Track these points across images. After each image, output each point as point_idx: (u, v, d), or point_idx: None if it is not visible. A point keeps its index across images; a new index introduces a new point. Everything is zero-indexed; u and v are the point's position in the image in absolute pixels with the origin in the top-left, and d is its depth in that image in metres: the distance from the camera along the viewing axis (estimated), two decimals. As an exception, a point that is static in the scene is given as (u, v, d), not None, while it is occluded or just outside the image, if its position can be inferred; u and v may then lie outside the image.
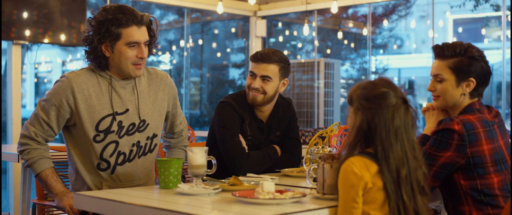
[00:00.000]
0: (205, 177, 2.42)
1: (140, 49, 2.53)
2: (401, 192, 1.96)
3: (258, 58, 2.94)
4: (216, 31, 12.50)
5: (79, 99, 2.52)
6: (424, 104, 2.77)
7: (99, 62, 2.55)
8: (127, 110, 2.60)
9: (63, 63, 18.06)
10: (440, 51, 2.42)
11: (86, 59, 2.60)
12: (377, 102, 2.01)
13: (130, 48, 2.52)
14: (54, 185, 2.60)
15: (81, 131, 2.55)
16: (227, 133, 2.90)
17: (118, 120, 2.57)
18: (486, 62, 2.41)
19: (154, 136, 2.70)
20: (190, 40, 9.94)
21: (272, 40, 10.84)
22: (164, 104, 2.75)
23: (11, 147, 4.59)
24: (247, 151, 2.93)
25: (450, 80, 2.40)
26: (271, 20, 9.79)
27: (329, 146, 2.92)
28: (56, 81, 2.57)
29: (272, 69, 2.93)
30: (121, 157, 2.61)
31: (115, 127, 2.57)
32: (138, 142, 2.64)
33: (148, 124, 2.65)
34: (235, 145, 2.88)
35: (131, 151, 2.62)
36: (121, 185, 2.62)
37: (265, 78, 2.93)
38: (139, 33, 2.52)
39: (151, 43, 2.63)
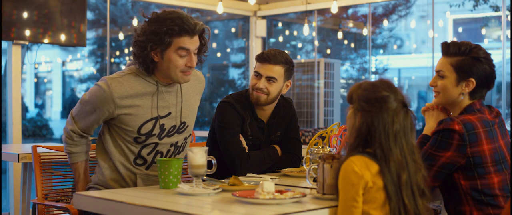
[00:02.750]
0: (205, 177, 2.41)
1: (189, 58, 2.51)
2: (402, 195, 1.97)
3: (264, 58, 2.94)
4: (216, 31, 12.50)
5: (121, 108, 2.51)
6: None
7: (147, 66, 2.52)
8: (169, 113, 2.61)
9: (63, 63, 18.08)
10: (446, 48, 2.43)
11: (133, 61, 2.57)
12: (377, 105, 2.00)
13: (180, 57, 2.49)
14: (81, 175, 2.68)
15: (123, 131, 2.56)
16: (227, 132, 2.90)
17: (161, 123, 2.58)
18: (491, 65, 2.40)
19: (190, 135, 2.74)
20: (190, 40, 9.91)
21: (272, 40, 10.84)
22: (198, 104, 2.80)
23: (11, 147, 4.59)
24: (247, 151, 2.93)
25: (451, 78, 2.40)
26: (271, 20, 9.79)
27: (329, 146, 2.92)
28: (97, 84, 2.53)
29: (277, 70, 2.93)
30: (158, 156, 2.63)
31: (157, 130, 2.58)
32: (177, 142, 2.66)
33: (187, 126, 2.68)
34: (235, 144, 2.88)
35: (168, 150, 2.65)
36: (154, 179, 2.63)
37: (270, 79, 2.93)
38: (190, 42, 2.49)
39: (201, 51, 2.61)
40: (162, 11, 2.50)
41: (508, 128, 6.66)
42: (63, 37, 6.01)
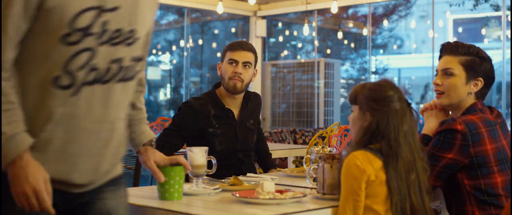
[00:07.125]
0: (205, 177, 2.41)
1: None
2: (410, 194, 1.98)
3: (239, 46, 3.04)
4: (216, 31, 12.50)
5: None
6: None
7: None
8: (116, 8, 1.73)
9: (63, 63, 18.01)
10: (454, 47, 2.42)
11: None
12: (386, 105, 2.02)
13: None
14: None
15: (46, 23, 1.64)
16: (166, 129, 3.02)
17: (104, 18, 1.70)
18: (493, 67, 2.44)
19: (140, 59, 1.84)
20: (190, 40, 9.94)
21: (272, 40, 10.84)
22: (152, 21, 1.94)
23: (11, 147, 4.58)
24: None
25: (461, 76, 2.39)
26: (271, 20, 9.79)
27: (329, 146, 2.92)
28: None
29: (250, 57, 3.05)
30: (93, 74, 1.70)
31: (97, 28, 1.69)
32: (121, 59, 1.75)
33: (137, 38, 1.80)
34: (159, 138, 2.94)
35: (108, 68, 1.72)
36: (80, 123, 1.69)
37: (246, 64, 3.01)
38: None
39: None
40: None
41: (509, 129, 6.65)
42: (63, 37, 5.99)
